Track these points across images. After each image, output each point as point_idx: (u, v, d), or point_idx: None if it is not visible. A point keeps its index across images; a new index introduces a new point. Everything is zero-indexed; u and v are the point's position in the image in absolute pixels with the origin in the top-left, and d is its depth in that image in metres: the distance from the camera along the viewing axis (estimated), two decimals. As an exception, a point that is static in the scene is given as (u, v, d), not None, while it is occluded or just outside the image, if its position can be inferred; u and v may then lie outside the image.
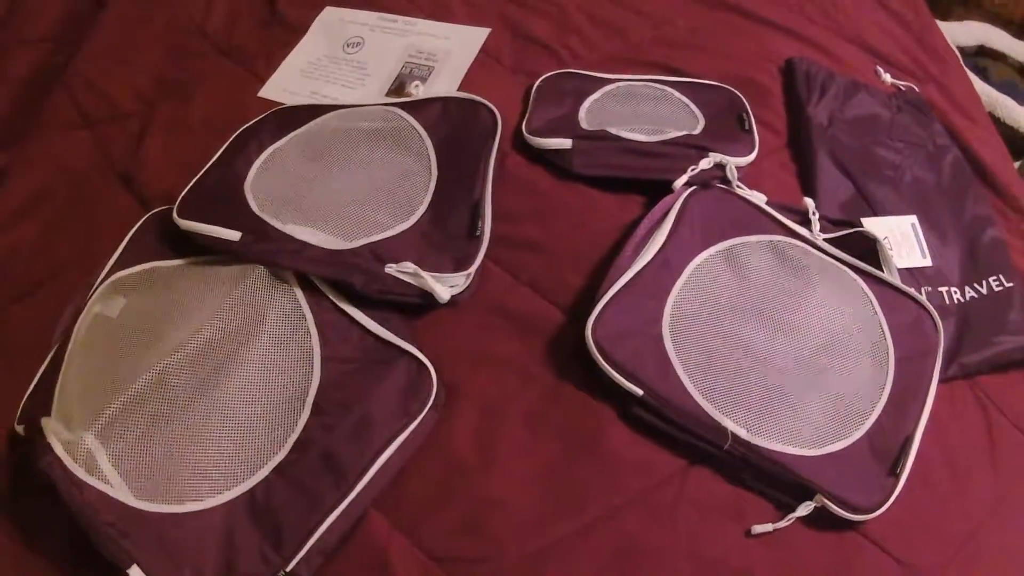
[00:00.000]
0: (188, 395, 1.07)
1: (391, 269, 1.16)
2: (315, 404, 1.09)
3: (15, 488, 1.11)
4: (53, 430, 1.01)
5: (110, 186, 1.47)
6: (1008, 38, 2.67)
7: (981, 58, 2.65)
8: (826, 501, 1.02)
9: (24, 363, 1.19)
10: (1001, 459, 1.18)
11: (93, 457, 1.00)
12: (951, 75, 1.74)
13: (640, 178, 1.35)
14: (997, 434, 1.20)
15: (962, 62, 1.89)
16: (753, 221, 1.28)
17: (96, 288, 1.24)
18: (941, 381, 1.19)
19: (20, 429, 1.12)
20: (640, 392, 1.06)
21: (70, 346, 1.16)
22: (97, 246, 1.32)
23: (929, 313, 1.23)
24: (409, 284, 1.17)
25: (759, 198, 1.31)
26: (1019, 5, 2.87)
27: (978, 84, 2.20)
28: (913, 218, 1.40)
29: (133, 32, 1.77)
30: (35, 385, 1.15)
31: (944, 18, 2.72)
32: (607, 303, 1.12)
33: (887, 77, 1.66)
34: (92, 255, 1.31)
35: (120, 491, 1.00)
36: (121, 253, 1.29)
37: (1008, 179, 1.55)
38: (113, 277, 1.24)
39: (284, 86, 1.63)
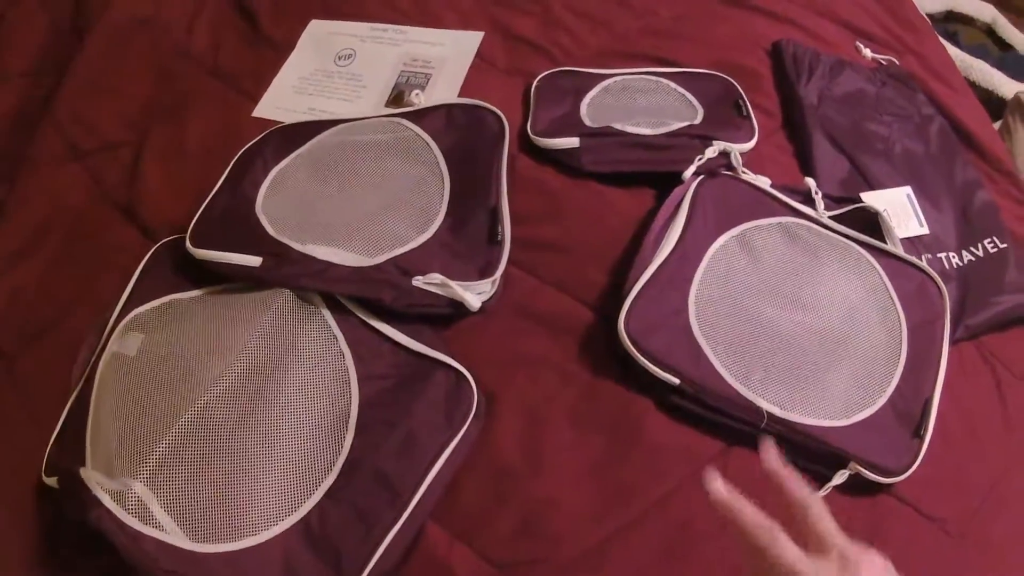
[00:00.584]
0: (231, 430, 1.07)
1: (419, 282, 1.17)
2: (358, 424, 1.10)
3: (50, 541, 1.11)
4: (97, 481, 1.00)
5: (110, 218, 1.48)
6: (974, 0, 2.74)
7: (950, 23, 2.71)
8: (860, 468, 1.07)
9: (43, 410, 1.19)
10: (1011, 412, 1.24)
11: (145, 505, 1.00)
12: (926, 44, 1.80)
13: (649, 171, 1.39)
14: (1005, 389, 1.26)
15: (934, 29, 1.96)
16: (761, 204, 1.33)
17: (112, 326, 1.23)
18: (950, 343, 1.24)
19: (51, 481, 1.10)
20: (676, 381, 1.10)
21: (94, 390, 1.16)
22: (104, 282, 1.33)
23: (933, 279, 1.29)
24: (438, 295, 1.18)
25: (764, 182, 1.36)
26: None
27: (951, 50, 2.26)
28: (908, 189, 1.46)
29: (116, 60, 1.77)
30: (58, 432, 1.15)
31: (910, -11, 2.79)
32: (635, 297, 1.16)
33: (867, 52, 1.72)
34: (99, 292, 1.32)
35: (176, 536, 0.99)
36: (133, 288, 1.28)
37: (991, 142, 1.61)
38: (130, 315, 1.23)
39: (278, 104, 1.64)
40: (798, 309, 1.22)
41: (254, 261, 1.21)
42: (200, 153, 1.55)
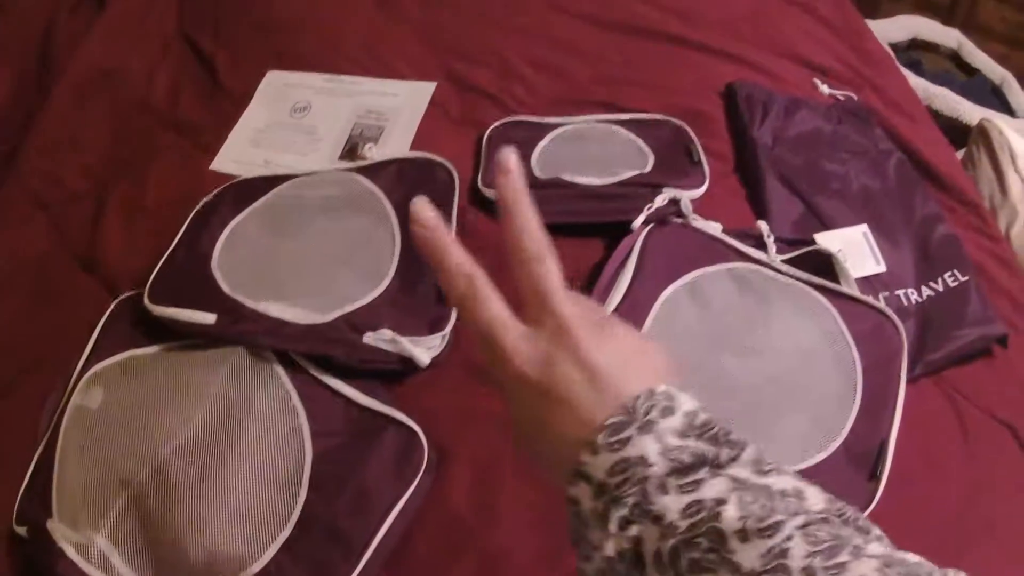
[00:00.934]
0: (189, 485, 1.10)
1: (369, 338, 1.20)
2: (312, 479, 1.12)
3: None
4: (62, 534, 1.05)
5: (73, 272, 1.51)
6: (937, 27, 2.77)
7: (914, 51, 2.75)
8: (811, 513, 1.10)
9: (12, 459, 1.21)
10: (975, 444, 1.26)
11: (107, 558, 1.05)
12: (886, 76, 1.84)
13: (598, 221, 1.41)
14: (968, 422, 1.29)
15: (896, 59, 1.99)
16: (711, 251, 1.35)
17: (76, 379, 1.26)
18: (908, 381, 1.26)
19: (21, 530, 1.13)
20: None
21: (59, 443, 1.19)
22: (69, 336, 1.35)
23: (890, 318, 1.30)
24: (388, 351, 1.21)
25: (715, 228, 1.39)
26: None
27: (913, 79, 2.30)
28: (864, 227, 1.48)
29: (79, 112, 1.81)
30: (28, 482, 1.17)
31: (873, 15, 2.83)
32: None
33: (825, 88, 1.75)
34: (64, 346, 1.33)
35: (139, 587, 1.04)
36: (95, 343, 1.31)
37: (953, 173, 1.64)
38: (92, 370, 1.26)
39: (235, 157, 1.67)
40: (749, 356, 1.24)
41: (209, 319, 1.24)
42: (160, 206, 1.58)
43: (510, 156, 0.66)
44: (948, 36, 2.78)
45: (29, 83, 1.92)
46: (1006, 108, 2.68)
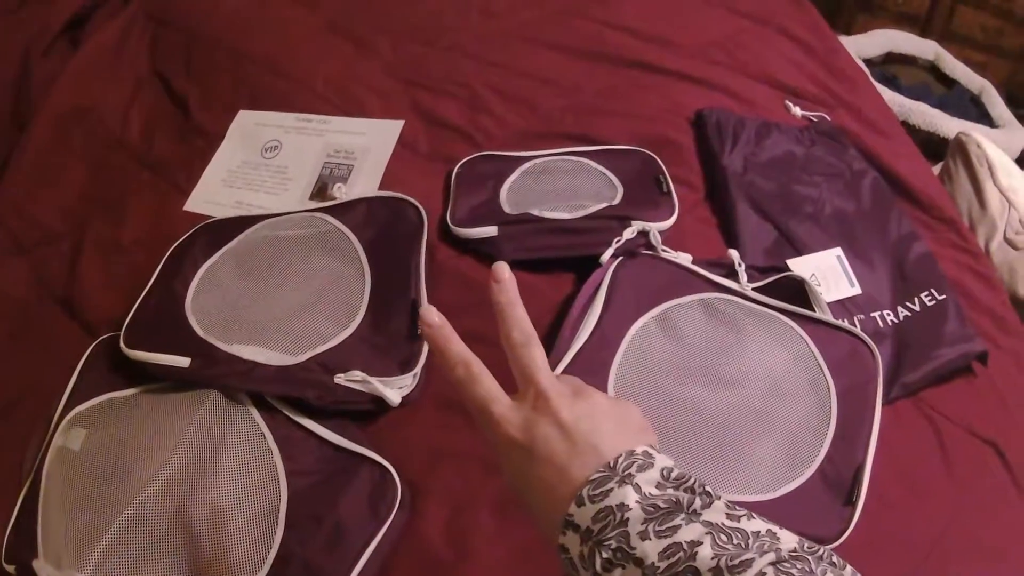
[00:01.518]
0: (167, 526, 1.14)
1: (340, 379, 1.23)
2: (287, 519, 1.15)
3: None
4: (48, 573, 1.11)
5: (52, 313, 1.54)
6: (914, 39, 2.80)
7: (890, 65, 2.78)
8: (788, 541, 1.12)
9: None
10: (954, 462, 1.29)
11: None
12: (861, 94, 1.87)
13: (568, 256, 1.45)
14: (947, 440, 1.31)
15: (870, 76, 2.02)
16: (682, 282, 1.37)
17: (56, 423, 1.29)
18: (885, 404, 1.28)
19: (11, 568, 1.17)
20: None
21: (43, 483, 1.23)
22: (49, 376, 1.38)
23: (864, 341, 1.32)
24: (360, 391, 1.24)
25: (685, 258, 1.41)
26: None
27: (888, 95, 2.34)
28: (837, 250, 1.51)
29: (54, 151, 1.84)
30: (14, 522, 1.21)
31: (848, 30, 2.87)
32: None
33: (797, 110, 1.79)
34: (45, 386, 1.36)
35: (121, 627, 1.07)
36: (74, 385, 1.34)
37: (929, 190, 1.67)
38: (71, 413, 1.29)
39: (208, 198, 1.70)
40: (721, 386, 1.26)
41: (183, 362, 1.27)
42: (136, 247, 1.62)
43: (504, 268, 0.81)
44: (925, 48, 2.80)
45: (5, 123, 1.97)
46: (986, 118, 2.71)
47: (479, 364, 0.80)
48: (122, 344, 1.32)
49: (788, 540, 0.66)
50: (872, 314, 1.45)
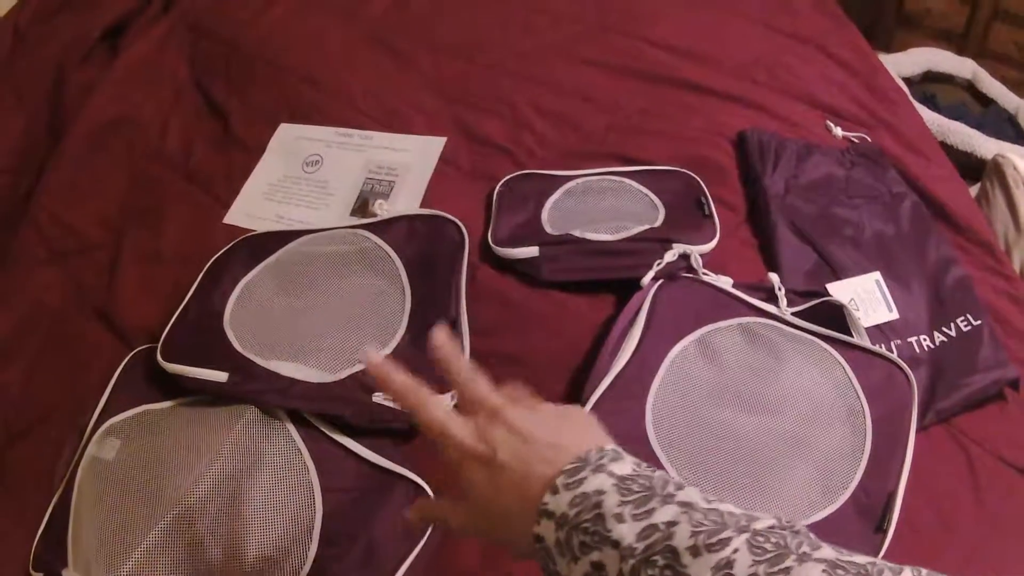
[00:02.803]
0: (201, 541, 1.14)
1: (379, 398, 1.24)
2: (322, 536, 1.15)
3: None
4: None
5: (88, 322, 1.54)
6: (952, 57, 2.78)
7: (929, 84, 2.76)
8: (820, 567, 1.12)
9: (27, 505, 1.26)
10: (984, 489, 1.28)
11: None
12: (901, 115, 1.86)
13: (609, 278, 1.44)
14: (979, 467, 1.30)
15: (910, 95, 2.02)
16: (722, 306, 1.37)
17: (90, 433, 1.30)
18: (919, 430, 1.28)
19: None
20: None
21: (74, 493, 1.23)
22: (83, 385, 1.39)
23: (901, 368, 1.31)
24: (398, 411, 1.24)
25: (725, 282, 1.40)
26: (957, 14, 2.98)
27: (927, 115, 2.32)
28: (876, 274, 1.50)
29: (92, 160, 1.85)
30: (44, 530, 1.22)
31: (888, 47, 2.86)
32: (591, 408, 1.21)
33: (838, 131, 1.78)
34: (80, 395, 1.38)
35: (149, 638, 1.07)
36: (110, 396, 1.35)
37: (967, 213, 1.65)
38: (106, 424, 1.30)
39: (248, 211, 1.71)
40: (759, 411, 1.26)
41: (221, 377, 1.28)
42: (174, 259, 1.62)
43: (440, 333, 0.87)
44: (963, 67, 2.78)
45: (42, 131, 1.98)
46: (1022, 138, 2.70)
47: (426, 391, 0.84)
48: (159, 357, 1.32)
49: (766, 517, 0.67)
50: (909, 339, 1.44)
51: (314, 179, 1.76)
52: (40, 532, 1.22)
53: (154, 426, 1.29)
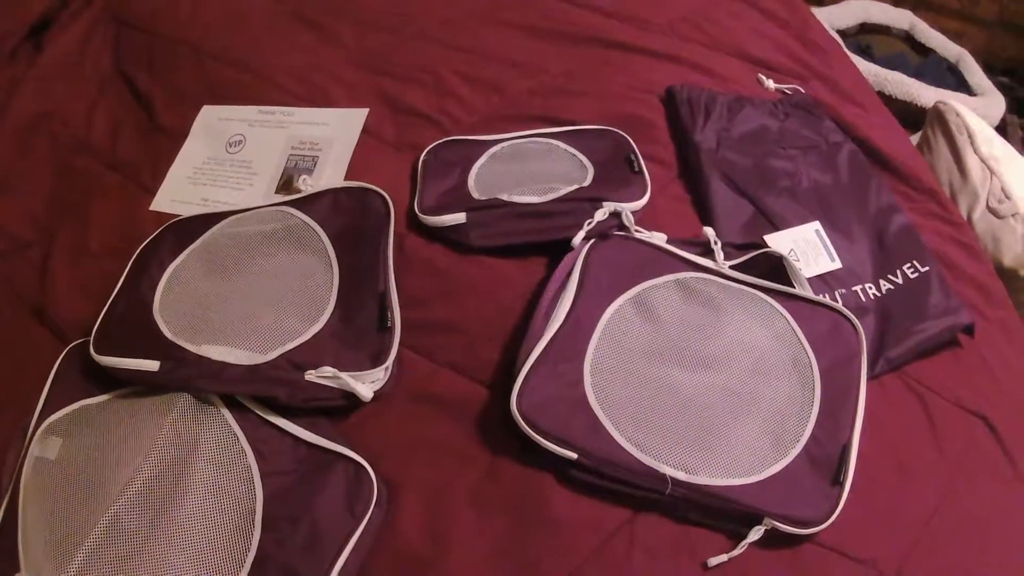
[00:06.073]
0: (145, 532, 1.12)
1: (311, 376, 1.22)
2: (264, 520, 1.14)
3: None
4: None
5: (24, 321, 1.52)
6: (888, 8, 2.79)
7: (864, 36, 2.77)
8: (774, 523, 1.11)
9: None
10: (944, 437, 1.29)
11: None
12: (835, 66, 1.86)
13: (539, 240, 1.43)
14: (936, 415, 1.31)
15: (845, 47, 2.01)
16: (656, 263, 1.36)
17: (32, 430, 1.28)
18: (870, 379, 1.28)
19: None
20: (574, 456, 1.14)
21: (21, 494, 1.21)
22: (25, 386, 1.36)
23: (846, 317, 1.31)
24: (331, 388, 1.22)
25: (659, 238, 1.39)
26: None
27: (863, 65, 2.33)
28: (816, 224, 1.49)
29: (19, 157, 1.82)
30: None
31: (821, 1, 2.86)
32: (527, 374, 1.19)
33: (770, 83, 1.78)
34: (22, 396, 1.34)
35: (103, 637, 1.07)
36: (48, 393, 1.32)
37: (908, 160, 1.66)
38: (46, 422, 1.28)
39: (173, 196, 1.68)
40: (701, 367, 1.25)
41: (152, 366, 1.25)
42: (104, 251, 1.60)
43: None
44: (900, 17, 2.79)
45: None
46: (964, 87, 2.71)
47: None
48: (91, 350, 1.30)
49: None
50: (854, 288, 1.45)
51: (238, 159, 1.74)
52: None
53: (92, 421, 1.28)
